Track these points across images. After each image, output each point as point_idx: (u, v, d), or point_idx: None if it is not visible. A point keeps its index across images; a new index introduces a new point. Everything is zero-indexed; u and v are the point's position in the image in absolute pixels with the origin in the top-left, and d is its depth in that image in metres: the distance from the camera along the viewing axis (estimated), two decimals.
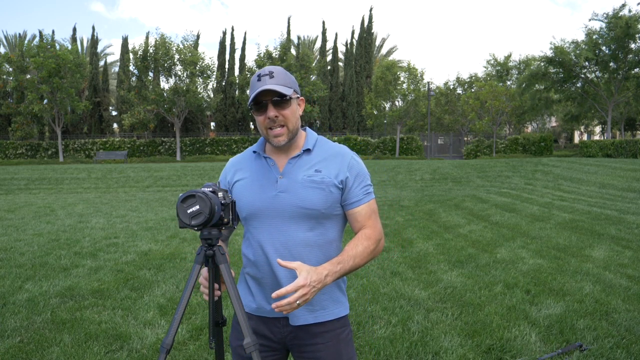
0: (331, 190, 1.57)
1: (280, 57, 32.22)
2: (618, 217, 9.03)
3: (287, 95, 1.54)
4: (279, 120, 1.55)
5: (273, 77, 1.54)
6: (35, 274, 5.44)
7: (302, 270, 1.40)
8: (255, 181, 1.63)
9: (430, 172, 20.71)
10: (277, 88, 1.52)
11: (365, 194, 1.62)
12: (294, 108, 1.59)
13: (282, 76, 1.56)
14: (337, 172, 1.59)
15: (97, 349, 3.38)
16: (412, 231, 7.94)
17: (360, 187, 1.61)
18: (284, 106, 1.55)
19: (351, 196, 1.60)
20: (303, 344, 1.61)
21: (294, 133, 1.60)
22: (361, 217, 1.61)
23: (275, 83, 1.53)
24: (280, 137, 1.57)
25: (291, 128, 1.58)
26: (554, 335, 3.59)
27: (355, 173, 1.61)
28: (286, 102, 1.55)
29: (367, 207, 1.62)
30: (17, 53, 33.06)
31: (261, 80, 1.54)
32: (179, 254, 6.44)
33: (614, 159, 23.37)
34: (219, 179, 1.76)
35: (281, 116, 1.55)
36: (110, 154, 30.89)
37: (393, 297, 4.49)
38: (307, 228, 1.56)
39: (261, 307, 1.64)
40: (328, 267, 1.46)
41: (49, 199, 14.73)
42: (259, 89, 1.52)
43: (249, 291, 1.68)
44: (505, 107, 31.50)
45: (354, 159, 1.63)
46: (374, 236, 1.59)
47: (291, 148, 1.63)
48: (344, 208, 1.63)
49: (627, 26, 26.51)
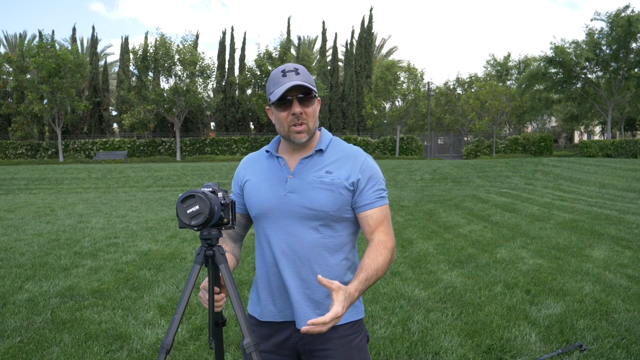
0: (341, 192, 1.53)
1: (280, 57, 32.21)
2: (618, 217, 9.03)
3: (314, 91, 1.53)
4: (303, 117, 1.53)
5: (299, 74, 1.52)
6: (35, 274, 5.44)
7: (339, 294, 1.32)
8: (265, 180, 1.61)
9: (430, 172, 20.71)
10: (305, 84, 1.51)
11: (379, 197, 1.56)
12: (315, 107, 1.57)
13: (306, 74, 1.55)
14: (348, 174, 1.55)
15: (97, 349, 3.38)
16: (412, 231, 7.94)
17: (373, 190, 1.56)
18: (308, 104, 1.54)
19: (362, 199, 1.55)
20: (314, 349, 1.57)
21: (313, 132, 1.58)
22: (373, 221, 1.55)
23: (302, 80, 1.51)
24: (302, 134, 1.55)
25: (311, 126, 1.56)
26: (554, 335, 3.59)
27: (369, 175, 1.56)
28: (311, 99, 1.54)
29: (379, 211, 1.56)
30: (17, 53, 33.07)
31: (287, 76, 1.51)
32: (179, 254, 6.44)
33: (614, 159, 23.37)
34: (233, 178, 1.75)
35: (304, 113, 1.54)
36: (110, 154, 30.89)
37: (393, 297, 4.49)
38: (315, 230, 1.53)
39: (268, 311, 1.62)
40: (358, 287, 1.40)
41: (49, 199, 14.73)
42: (290, 84, 1.49)
43: (257, 297, 1.66)
44: (505, 107, 31.51)
45: (367, 161, 1.59)
46: (390, 245, 1.53)
47: (304, 148, 1.61)
48: (355, 211, 1.58)
49: (629, 24, 26.49)
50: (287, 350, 1.61)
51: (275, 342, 1.61)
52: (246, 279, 5.12)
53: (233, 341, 3.51)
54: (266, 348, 1.61)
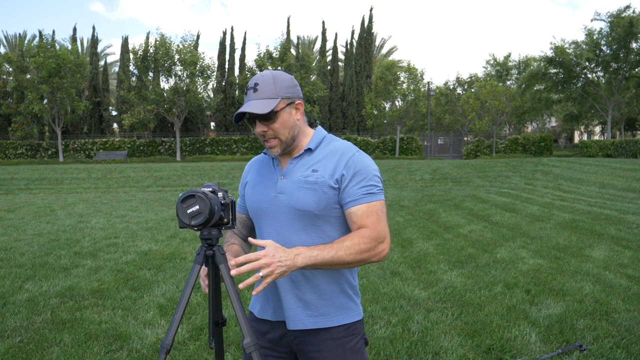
0: (324, 190, 1.49)
1: (280, 57, 32.22)
2: (618, 217, 9.03)
3: (268, 111, 1.46)
4: (268, 135, 1.52)
5: (257, 91, 1.49)
6: (35, 274, 5.44)
7: (269, 246, 1.36)
8: (260, 182, 1.63)
9: (430, 172, 20.71)
10: (256, 107, 1.46)
11: (366, 194, 1.48)
12: (284, 119, 1.51)
13: (268, 86, 1.48)
14: (332, 171, 1.50)
15: (97, 349, 3.38)
16: (412, 231, 7.94)
17: (359, 186, 1.49)
18: (271, 121, 1.50)
19: (346, 195, 1.49)
20: (308, 349, 1.57)
21: (289, 143, 1.55)
22: (357, 217, 1.48)
23: (258, 97, 1.48)
24: (273, 149, 1.54)
25: (284, 139, 1.53)
26: (554, 335, 3.59)
27: (355, 171, 1.49)
28: (271, 117, 1.49)
29: (365, 207, 1.48)
30: (17, 53, 33.09)
31: (247, 95, 1.51)
32: (179, 254, 6.44)
33: (614, 159, 23.37)
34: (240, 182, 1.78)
35: (270, 130, 1.51)
36: (110, 154, 30.89)
37: (393, 297, 4.49)
38: (303, 230, 1.52)
39: (264, 310, 1.64)
40: (302, 249, 1.39)
41: (49, 199, 14.73)
42: (238, 112, 1.50)
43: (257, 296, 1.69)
44: (506, 107, 31.51)
45: (355, 156, 1.52)
46: (370, 235, 1.45)
47: (295, 148, 1.60)
48: (342, 208, 1.52)
49: (630, 25, 26.50)
50: (283, 347, 1.62)
51: (272, 339, 1.63)
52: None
53: (233, 341, 3.51)
54: (263, 344, 1.63)
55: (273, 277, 1.34)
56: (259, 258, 1.33)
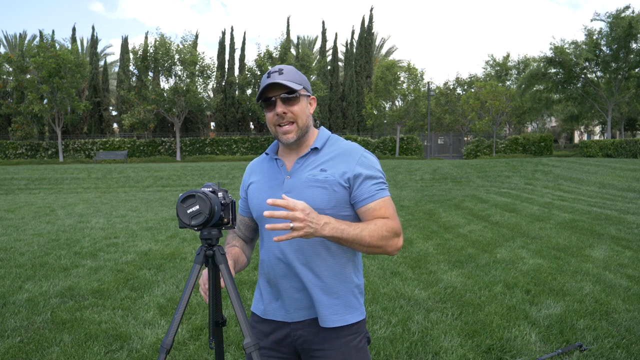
0: (335, 189, 1.51)
1: (280, 57, 32.22)
2: (618, 217, 9.03)
3: (296, 90, 1.52)
4: (287, 117, 1.53)
5: (282, 74, 1.53)
6: (35, 274, 5.44)
7: (305, 204, 1.34)
8: (265, 183, 1.62)
9: (430, 172, 20.71)
10: (286, 83, 1.50)
11: (379, 190, 1.53)
12: (303, 105, 1.56)
13: (292, 73, 1.54)
14: (343, 171, 1.53)
15: (97, 349, 3.38)
16: (412, 231, 7.94)
17: (371, 183, 1.53)
18: (293, 103, 1.53)
19: (361, 193, 1.52)
20: (312, 348, 1.58)
21: (304, 131, 1.57)
22: (376, 212, 1.51)
23: (284, 79, 1.52)
24: (289, 134, 1.54)
25: (301, 125, 1.55)
26: (554, 335, 3.59)
27: (366, 170, 1.54)
28: (295, 98, 1.53)
29: (381, 202, 1.52)
30: (17, 53, 33.09)
31: (270, 77, 1.53)
32: (179, 254, 6.44)
33: (614, 159, 23.36)
34: (240, 185, 1.78)
35: (290, 113, 1.53)
36: (110, 154, 30.89)
37: (393, 297, 4.49)
38: None
39: (270, 310, 1.63)
40: (332, 219, 1.40)
41: (49, 199, 14.73)
42: (267, 82, 1.51)
43: (260, 295, 1.68)
44: (505, 107, 31.51)
45: (364, 156, 1.57)
46: (392, 225, 1.49)
47: (301, 148, 1.61)
48: (355, 207, 1.54)
49: (630, 26, 26.51)
50: (287, 347, 1.62)
51: (275, 339, 1.62)
52: (246, 279, 5.12)
53: (233, 341, 3.51)
54: (266, 345, 1.62)
55: (300, 233, 1.32)
56: (296, 210, 1.31)
